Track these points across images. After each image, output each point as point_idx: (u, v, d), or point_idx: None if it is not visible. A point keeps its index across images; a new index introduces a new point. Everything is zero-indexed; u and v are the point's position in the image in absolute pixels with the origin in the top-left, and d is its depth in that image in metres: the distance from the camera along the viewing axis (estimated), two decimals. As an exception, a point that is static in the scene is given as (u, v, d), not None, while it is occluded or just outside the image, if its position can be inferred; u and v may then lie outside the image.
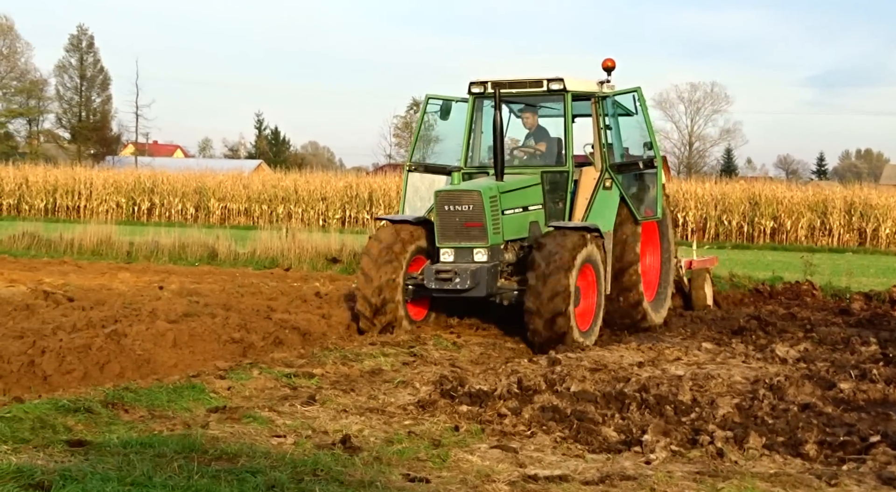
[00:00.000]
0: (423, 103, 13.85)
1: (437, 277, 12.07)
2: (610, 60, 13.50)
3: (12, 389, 8.92)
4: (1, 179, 45.89)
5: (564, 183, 13.11)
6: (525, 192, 12.83)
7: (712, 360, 11.35)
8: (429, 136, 14.44)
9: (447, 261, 12.26)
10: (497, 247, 12.32)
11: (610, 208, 13.12)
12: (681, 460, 7.15)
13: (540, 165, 13.36)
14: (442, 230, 12.29)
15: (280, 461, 6.56)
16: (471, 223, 12.15)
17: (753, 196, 38.50)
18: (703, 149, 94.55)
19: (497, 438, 7.65)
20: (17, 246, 23.39)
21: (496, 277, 12.28)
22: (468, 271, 11.96)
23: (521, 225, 12.66)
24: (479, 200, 12.07)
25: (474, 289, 12.01)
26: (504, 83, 12.97)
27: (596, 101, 13.33)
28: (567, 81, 12.87)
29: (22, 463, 6.09)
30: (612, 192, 13.17)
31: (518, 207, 12.66)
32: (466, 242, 12.21)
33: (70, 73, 79.58)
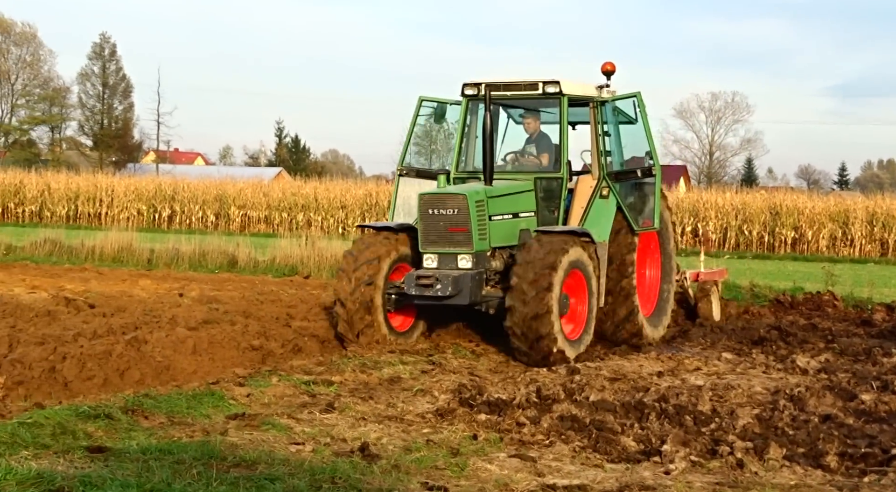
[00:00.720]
0: (416, 106, 13.29)
1: (418, 283, 11.56)
2: (610, 64, 13.02)
3: (33, 394, 8.97)
4: (24, 185, 46.16)
5: (558, 190, 12.63)
6: (516, 198, 12.40)
7: (732, 370, 11.30)
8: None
9: (430, 267, 11.81)
10: (483, 253, 11.86)
11: (606, 218, 12.67)
12: (700, 470, 7.12)
13: (534, 171, 12.87)
14: (425, 235, 11.83)
15: (298, 469, 6.57)
16: (455, 228, 11.70)
17: (774, 206, 38.34)
18: (724, 158, 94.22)
19: (516, 447, 7.63)
20: (39, 253, 23.52)
21: (481, 284, 11.80)
22: (450, 278, 11.46)
23: (511, 232, 12.17)
24: (464, 204, 11.63)
25: (457, 296, 11.52)
26: (498, 85, 12.59)
27: (594, 105, 12.86)
28: (563, 84, 12.44)
29: (42, 468, 6.12)
30: (608, 201, 12.73)
31: (507, 214, 12.21)
32: (450, 248, 11.74)
33: (92, 81, 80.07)
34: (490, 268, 11.96)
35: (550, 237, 11.60)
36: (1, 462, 6.17)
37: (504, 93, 12.69)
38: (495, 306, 11.66)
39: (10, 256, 23.29)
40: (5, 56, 79.78)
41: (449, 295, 11.45)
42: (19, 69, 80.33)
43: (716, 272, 16.77)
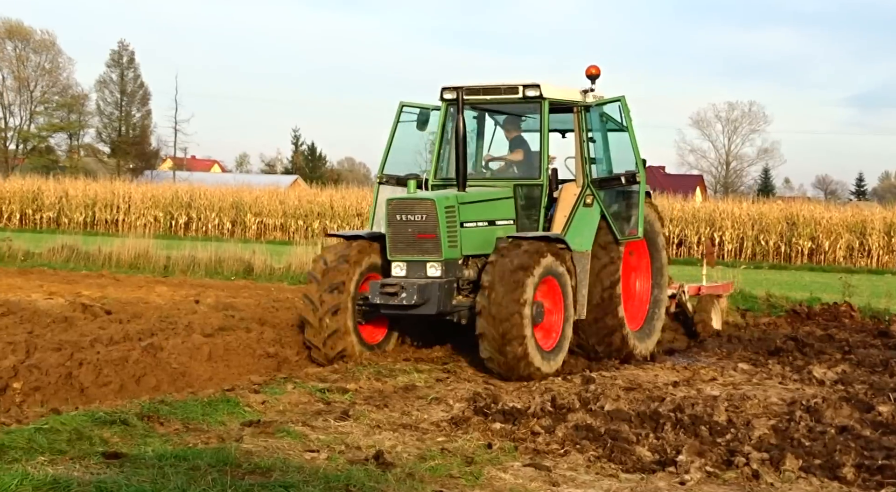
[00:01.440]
0: (397, 111, 12.75)
1: (383, 292, 11.10)
2: (594, 67, 12.56)
3: (50, 400, 9.01)
4: (42, 192, 46.40)
5: (539, 197, 12.16)
6: (492, 205, 11.98)
7: (748, 380, 11.26)
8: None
9: (398, 275, 11.36)
10: (453, 262, 11.39)
11: (589, 226, 12.18)
12: (716, 481, 7.10)
13: (514, 178, 12.46)
14: (393, 242, 11.38)
15: (313, 476, 6.57)
16: (423, 235, 11.24)
17: (791, 216, 38.22)
18: (741, 168, 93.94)
19: (530, 456, 7.62)
20: (57, 259, 23.63)
21: (451, 293, 11.31)
22: (415, 286, 10.99)
23: (486, 240, 11.56)
24: (432, 210, 11.18)
25: (423, 306, 11.04)
26: (477, 89, 12.19)
27: (578, 110, 12.41)
28: (543, 88, 11.98)
29: (58, 474, 6.15)
30: (592, 209, 12.25)
31: (482, 221, 11.77)
32: (419, 256, 11.28)
33: (111, 88, 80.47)
34: (462, 277, 11.51)
35: (523, 243, 11.15)
36: (17, 468, 6.20)
37: (483, 97, 12.30)
38: (466, 316, 11.27)
39: (27, 262, 23.41)
40: (24, 63, 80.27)
41: (415, 304, 11.00)
42: (38, 76, 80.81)
43: (719, 286, 16.21)
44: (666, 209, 39.47)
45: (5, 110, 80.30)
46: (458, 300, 11.40)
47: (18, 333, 11.44)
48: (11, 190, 46.64)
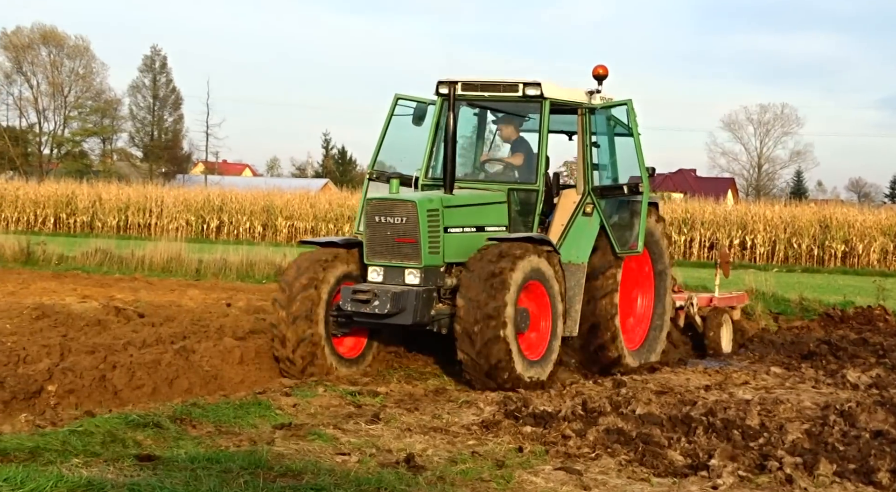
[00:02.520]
0: (391, 105, 12.01)
1: (354, 298, 10.39)
2: (602, 67, 11.89)
3: (84, 403, 9.09)
4: (75, 196, 46.78)
5: (534, 203, 11.44)
6: (482, 209, 11.25)
7: (781, 384, 11.18)
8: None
9: (374, 280, 10.65)
10: (434, 269, 10.62)
11: (587, 237, 11.51)
12: (749, 485, 7.05)
13: (509, 182, 11.72)
14: (371, 245, 10.65)
15: (344, 479, 6.59)
16: (403, 239, 10.51)
17: (824, 219, 37.92)
18: (773, 171, 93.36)
19: (561, 459, 7.60)
20: (90, 262, 23.80)
21: (430, 302, 10.53)
22: (389, 294, 10.26)
23: (472, 247, 10.72)
24: (413, 213, 10.43)
25: (398, 315, 10.32)
26: (475, 85, 11.52)
27: (582, 113, 11.75)
28: (545, 87, 11.28)
29: (93, 476, 6.19)
30: (592, 218, 11.57)
31: (469, 226, 11.04)
32: (397, 261, 10.54)
33: (143, 93, 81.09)
34: (444, 285, 10.73)
35: (505, 244, 10.52)
36: (52, 470, 6.26)
37: (481, 93, 11.62)
38: (447, 325, 10.50)
39: (62, 266, 23.60)
40: (59, 69, 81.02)
41: (388, 313, 10.28)
42: (72, 82, 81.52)
43: (733, 297, 15.30)
44: (697, 212, 39.32)
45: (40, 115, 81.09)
46: (437, 309, 10.65)
47: (53, 337, 11.55)
48: (46, 194, 47.06)
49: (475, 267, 10.25)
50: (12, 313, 13.68)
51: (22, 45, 79.67)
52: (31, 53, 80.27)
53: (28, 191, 47.65)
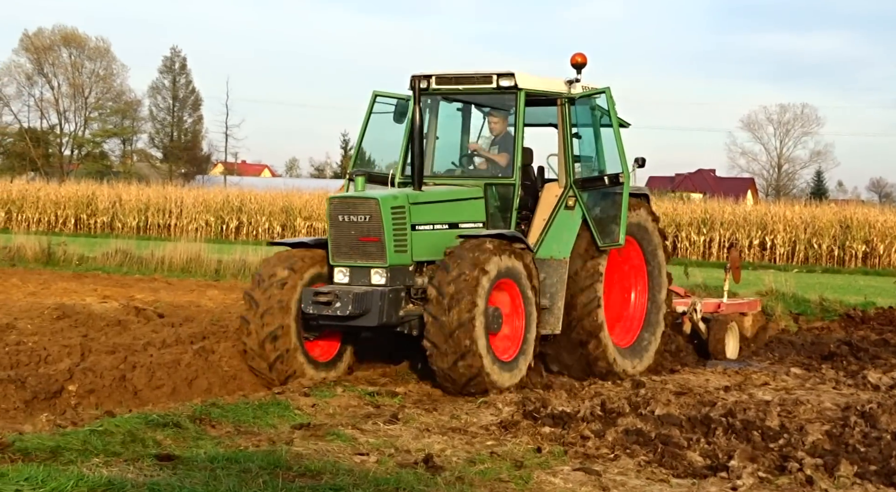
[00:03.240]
0: (370, 102, 11.63)
1: (315, 300, 10.02)
2: (580, 55, 11.43)
3: (104, 403, 9.14)
4: (96, 197, 47.01)
5: (511, 198, 11.08)
6: (455, 205, 10.86)
7: (801, 385, 11.14)
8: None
9: (340, 282, 10.29)
10: (401, 268, 10.28)
11: (569, 232, 11.12)
12: (768, 486, 7.03)
13: (485, 177, 11.34)
14: (335, 245, 10.32)
15: (363, 479, 6.60)
16: (367, 238, 10.16)
17: (845, 219, 37.70)
18: (793, 171, 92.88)
19: (580, 460, 7.59)
20: (111, 263, 23.92)
21: (397, 303, 10.19)
22: (351, 295, 9.91)
23: (445, 244, 10.34)
24: (376, 211, 10.10)
25: (362, 317, 9.97)
26: (449, 78, 11.19)
27: (562, 103, 11.37)
28: (519, 77, 10.88)
29: (113, 476, 6.23)
30: (574, 212, 11.20)
31: (440, 223, 10.67)
32: (362, 261, 10.20)
33: (163, 94, 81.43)
34: (414, 285, 10.39)
35: (475, 242, 10.15)
36: (73, 469, 6.29)
37: (456, 87, 11.27)
38: (418, 326, 10.11)
39: (82, 266, 23.73)
40: (79, 70, 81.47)
41: (350, 315, 9.93)
42: (93, 83, 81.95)
43: (744, 303, 14.54)
44: (717, 213, 39.18)
45: (60, 116, 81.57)
46: (407, 310, 10.29)
47: (73, 337, 11.61)
48: (66, 195, 47.33)
49: (444, 268, 9.92)
50: (33, 314, 13.77)
51: (43, 46, 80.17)
52: (53, 55, 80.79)
53: (49, 192, 47.94)
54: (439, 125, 11.76)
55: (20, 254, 24.83)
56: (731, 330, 13.49)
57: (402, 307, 10.30)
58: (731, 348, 13.47)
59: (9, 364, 10.02)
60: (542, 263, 10.93)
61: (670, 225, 39.12)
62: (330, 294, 9.98)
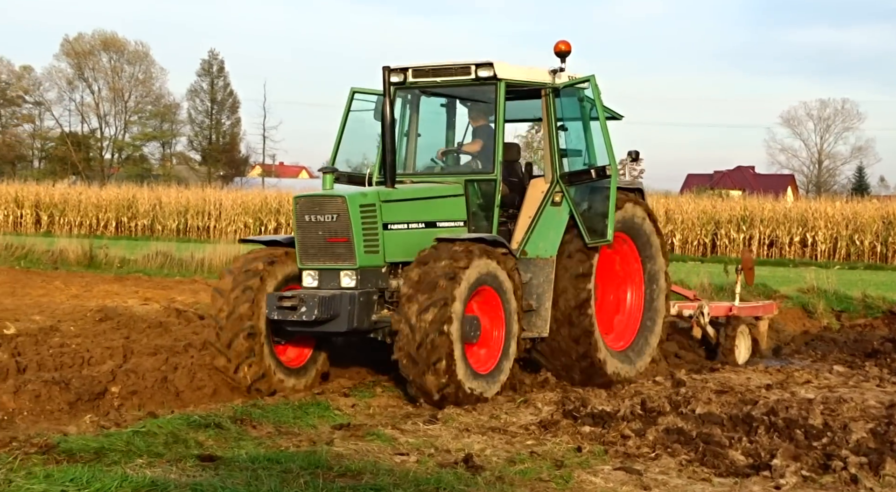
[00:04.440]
0: (348, 99, 11.19)
1: (280, 306, 9.47)
2: (564, 43, 10.80)
3: (147, 404, 9.22)
4: (136, 200, 47.45)
5: (492, 194, 10.51)
6: (431, 203, 10.31)
7: (844, 383, 11.02)
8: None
9: (309, 285, 9.74)
10: (373, 270, 9.75)
11: (556, 229, 10.60)
12: (812, 485, 6.96)
13: (465, 173, 10.79)
14: (302, 247, 9.78)
15: (403, 479, 6.61)
16: (335, 238, 9.63)
17: (888, 215, 37.25)
18: (834, 167, 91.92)
19: (621, 459, 7.56)
20: (151, 265, 24.14)
21: (369, 307, 9.67)
22: (316, 299, 9.35)
23: (420, 245, 9.81)
24: (343, 209, 9.57)
25: (330, 322, 9.45)
26: (426, 70, 10.64)
27: (546, 94, 10.78)
28: (498, 67, 10.31)
29: (156, 477, 6.28)
30: (561, 208, 10.65)
31: (415, 222, 10.14)
32: (331, 263, 9.67)
33: (201, 97, 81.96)
34: (388, 288, 9.86)
35: (451, 246, 9.59)
36: (117, 470, 6.36)
37: (433, 79, 10.69)
38: (391, 332, 9.47)
39: (123, 268, 23.97)
40: (119, 74, 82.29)
41: (317, 320, 9.38)
42: (132, 87, 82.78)
43: (758, 307, 13.71)
44: (756, 210, 38.88)
45: (101, 120, 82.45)
46: (380, 315, 9.76)
47: (116, 339, 11.73)
48: (108, 198, 47.81)
49: (415, 274, 9.36)
50: (76, 316, 13.92)
51: (83, 51, 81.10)
52: (93, 60, 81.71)
53: (90, 195, 48.45)
54: (421, 122, 11.27)
55: (63, 257, 25.12)
56: (742, 335, 12.79)
57: (375, 312, 9.78)
58: (742, 354, 12.75)
59: (53, 366, 10.13)
60: (528, 263, 10.49)
61: (709, 223, 38.88)
62: (294, 299, 9.44)
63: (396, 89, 10.79)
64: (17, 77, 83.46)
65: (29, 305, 15.82)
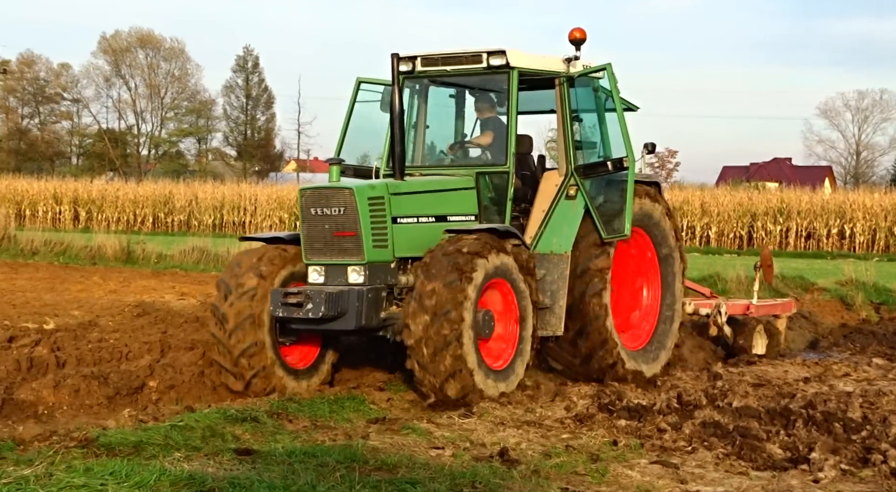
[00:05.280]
0: (354, 90, 10.91)
1: (285, 302, 9.12)
2: (579, 30, 10.44)
3: (184, 398, 9.29)
4: (173, 195, 47.83)
5: (505, 187, 10.23)
6: (442, 196, 10.02)
7: (884, 376, 10.92)
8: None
9: (315, 282, 9.41)
10: (382, 265, 9.40)
11: (570, 223, 10.25)
12: (851, 479, 6.90)
13: (476, 165, 10.49)
14: (308, 241, 9.44)
15: (439, 473, 6.62)
16: (342, 232, 9.30)
17: (927, 206, 36.88)
18: (872, 158, 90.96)
19: (657, 453, 7.54)
20: (188, 260, 24.30)
21: (377, 303, 9.32)
22: (323, 295, 9.01)
23: (431, 239, 9.48)
24: (351, 202, 9.24)
25: (338, 319, 9.11)
26: (436, 58, 10.33)
27: (560, 83, 10.43)
28: (510, 55, 9.99)
29: (194, 470, 6.33)
30: (575, 202, 10.32)
31: (426, 216, 9.81)
32: (338, 258, 9.34)
33: (236, 93, 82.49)
34: (397, 283, 9.52)
35: (464, 238, 9.26)
36: (155, 464, 6.41)
37: (444, 68, 10.37)
38: (402, 330, 9.11)
39: (160, 264, 24.16)
40: (155, 71, 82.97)
41: (323, 317, 9.04)
42: (168, 83, 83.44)
43: (777, 305, 13.28)
44: (793, 202, 38.57)
45: (138, 117, 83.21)
46: (389, 312, 9.42)
47: (153, 333, 11.82)
48: (144, 194, 48.24)
49: (427, 266, 9.03)
50: (114, 311, 14.05)
51: (120, 48, 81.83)
52: (129, 56, 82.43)
53: (127, 191, 48.92)
54: (430, 112, 10.95)
55: (101, 253, 25.35)
56: (759, 334, 12.50)
57: (384, 309, 9.43)
58: (759, 351, 12.45)
59: (92, 361, 10.23)
60: (541, 259, 10.13)
61: (745, 215, 38.61)
62: (300, 295, 9.07)
63: (405, 79, 10.44)
64: (56, 75, 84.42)
65: (68, 300, 16.00)
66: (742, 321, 12.60)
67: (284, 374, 9.50)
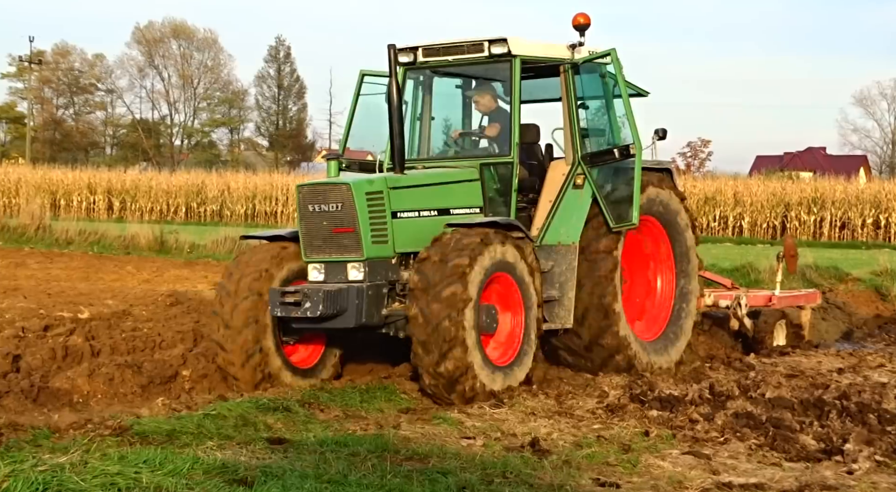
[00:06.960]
0: (357, 83, 10.72)
1: (283, 301, 8.96)
2: (582, 15, 10.20)
3: (217, 387, 9.35)
4: (205, 185, 48.04)
5: (508, 178, 10.04)
6: (444, 189, 9.82)
7: (919, 367, 10.81)
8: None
9: (315, 279, 9.23)
10: (382, 261, 9.23)
11: (578, 213, 10.06)
12: (886, 470, 6.85)
13: (480, 156, 10.29)
14: (307, 239, 9.25)
15: (470, 463, 6.63)
16: (340, 228, 9.12)
17: (964, 195, 36.44)
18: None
19: (689, 444, 7.51)
20: (220, 250, 24.43)
21: (377, 301, 9.15)
22: (322, 293, 8.83)
23: (433, 233, 9.22)
24: (348, 197, 9.04)
25: (339, 317, 8.95)
26: (437, 48, 10.12)
27: (565, 70, 10.18)
28: (513, 43, 9.78)
29: (227, 459, 6.38)
30: (583, 191, 10.12)
31: (427, 210, 9.61)
32: (337, 255, 9.16)
33: (268, 83, 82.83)
34: (399, 280, 9.34)
35: (465, 232, 9.06)
36: (189, 452, 6.46)
37: (445, 58, 10.16)
38: (405, 327, 9.05)
39: (193, 253, 24.31)
40: (188, 61, 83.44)
41: (322, 315, 8.87)
42: (201, 74, 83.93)
43: (800, 296, 12.97)
44: (827, 192, 38.22)
45: (171, 107, 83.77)
46: (391, 309, 9.27)
47: (186, 323, 11.90)
48: (177, 184, 48.48)
49: (427, 260, 8.86)
50: (147, 300, 14.16)
51: (154, 39, 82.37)
52: (163, 47, 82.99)
53: (160, 181, 49.18)
54: (434, 104, 10.74)
55: (134, 242, 25.56)
56: (780, 327, 12.26)
57: (386, 306, 9.27)
58: (780, 343, 12.21)
59: (126, 350, 10.32)
60: (549, 250, 9.99)
61: (779, 205, 38.31)
62: (298, 294, 8.90)
63: (407, 70, 10.32)
64: (90, 65, 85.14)
65: (102, 289, 16.14)
66: (762, 313, 12.32)
67: (291, 376, 9.37)
